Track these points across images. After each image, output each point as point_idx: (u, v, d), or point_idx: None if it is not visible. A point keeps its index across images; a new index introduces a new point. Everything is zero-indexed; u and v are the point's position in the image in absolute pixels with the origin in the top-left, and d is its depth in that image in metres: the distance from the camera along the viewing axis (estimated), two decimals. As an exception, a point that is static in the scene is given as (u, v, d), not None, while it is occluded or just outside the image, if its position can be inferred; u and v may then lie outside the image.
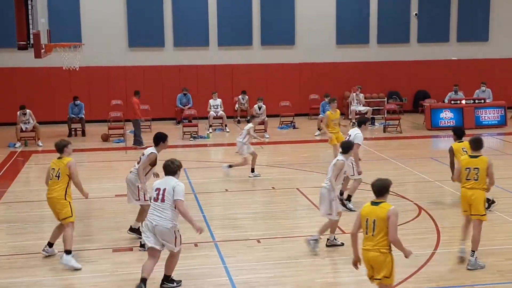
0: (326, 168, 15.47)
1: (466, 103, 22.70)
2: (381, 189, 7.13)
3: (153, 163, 10.25)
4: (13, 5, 16.13)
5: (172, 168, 8.62)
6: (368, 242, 7.08)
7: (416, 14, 26.41)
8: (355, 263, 7.43)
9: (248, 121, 15.64)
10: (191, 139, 20.75)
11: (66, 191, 9.64)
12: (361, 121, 12.95)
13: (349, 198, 12.38)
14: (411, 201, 12.78)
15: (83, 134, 21.83)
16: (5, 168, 16.89)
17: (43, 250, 9.97)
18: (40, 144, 19.82)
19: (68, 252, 9.44)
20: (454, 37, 26.80)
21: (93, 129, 21.91)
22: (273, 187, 14.25)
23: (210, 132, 21.86)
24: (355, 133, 12.49)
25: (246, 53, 25.53)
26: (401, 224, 11.18)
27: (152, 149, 10.26)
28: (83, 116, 21.97)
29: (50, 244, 10.00)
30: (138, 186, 10.23)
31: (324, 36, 25.87)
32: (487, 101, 23.01)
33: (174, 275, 8.80)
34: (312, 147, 19.62)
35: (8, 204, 13.16)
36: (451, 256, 9.70)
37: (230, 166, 15.21)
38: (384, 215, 6.97)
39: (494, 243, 10.25)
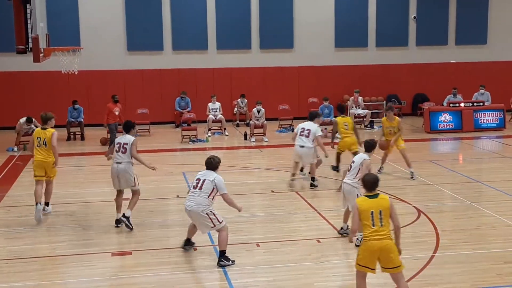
0: (325, 171, 15.53)
1: (465, 106, 22.72)
2: (374, 182, 7.66)
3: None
4: (12, 9, 16.13)
5: (213, 164, 9.78)
6: (377, 233, 7.46)
7: (414, 17, 26.45)
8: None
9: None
10: (190, 142, 20.74)
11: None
12: (313, 115, 14.49)
13: (313, 179, 14.28)
14: (410, 204, 12.77)
15: (82, 138, 21.83)
16: (4, 172, 16.88)
17: (43, 210, 12.15)
18: None
19: (48, 204, 12.30)
20: (453, 40, 26.85)
21: (92, 133, 21.91)
22: (272, 191, 14.24)
23: (209, 136, 21.87)
24: (315, 128, 14.09)
25: (245, 56, 25.55)
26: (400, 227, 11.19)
27: (131, 137, 11.53)
28: (82, 120, 21.98)
29: (47, 203, 12.37)
30: (132, 173, 11.42)
31: (323, 39, 25.90)
32: (485, 104, 23.05)
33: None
34: (311, 150, 19.59)
35: (7, 208, 13.13)
36: (451, 259, 9.70)
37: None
38: (388, 204, 7.55)
39: (494, 246, 10.25)
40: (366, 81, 25.70)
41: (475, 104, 22.89)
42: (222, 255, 9.60)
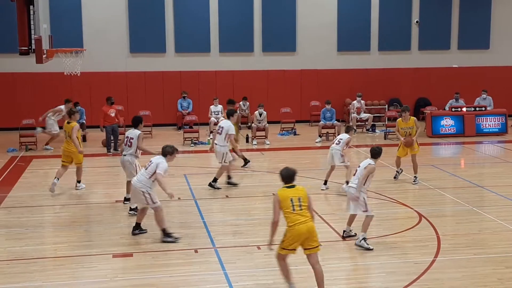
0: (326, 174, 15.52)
1: (467, 110, 22.71)
2: (289, 176, 8.49)
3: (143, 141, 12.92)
4: (15, 10, 16.17)
5: (165, 151, 10.92)
6: (298, 217, 8.16)
7: (417, 22, 26.45)
8: (271, 246, 8.51)
9: (346, 131, 14.45)
10: (192, 145, 20.74)
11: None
12: (228, 113, 14.89)
13: (215, 180, 14.45)
14: (412, 208, 12.76)
15: (84, 139, 21.73)
16: (5, 173, 16.89)
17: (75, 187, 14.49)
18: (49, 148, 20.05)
19: (80, 181, 14.55)
20: (455, 44, 26.83)
21: (94, 134, 21.90)
22: (273, 194, 14.17)
23: (211, 138, 21.82)
24: (227, 125, 14.42)
25: (247, 59, 25.56)
26: (401, 231, 11.21)
27: (137, 131, 12.68)
28: (84, 121, 21.98)
29: (79, 181, 14.59)
30: (135, 164, 12.54)
31: (325, 43, 25.90)
32: (488, 108, 23.02)
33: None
34: (312, 153, 19.62)
35: (8, 209, 13.14)
36: (452, 263, 9.70)
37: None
38: (305, 193, 8.33)
39: (495, 251, 10.24)
40: (368, 85, 25.68)
41: (477, 108, 22.87)
42: (163, 232, 10.70)
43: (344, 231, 10.89)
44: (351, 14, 25.88)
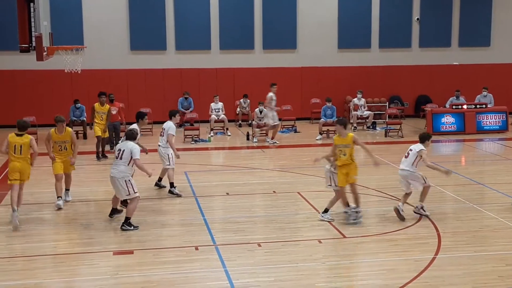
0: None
1: (467, 108, 22.70)
2: (24, 126, 11.83)
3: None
4: (15, 7, 16.16)
5: (132, 135, 11.32)
6: (15, 158, 11.55)
7: (418, 19, 26.44)
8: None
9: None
10: (193, 142, 20.75)
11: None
12: (171, 113, 14.46)
13: (172, 185, 13.82)
14: (412, 206, 12.74)
15: (85, 137, 21.83)
16: (5, 171, 16.86)
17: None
18: None
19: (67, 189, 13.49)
20: (456, 42, 26.83)
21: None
22: (274, 191, 14.23)
23: (212, 136, 21.87)
24: (168, 126, 13.88)
25: (248, 57, 25.56)
26: (402, 229, 11.22)
27: (134, 125, 12.82)
28: (84, 119, 21.97)
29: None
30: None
31: (326, 40, 25.90)
32: (488, 106, 23.02)
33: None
34: (313, 151, 19.60)
35: (8, 207, 13.11)
36: (452, 261, 9.69)
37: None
38: (28, 140, 11.57)
39: (495, 248, 10.24)
40: (369, 82, 25.69)
41: (478, 106, 22.87)
42: (126, 221, 11.10)
43: (396, 208, 11.76)
44: (352, 11, 25.88)
